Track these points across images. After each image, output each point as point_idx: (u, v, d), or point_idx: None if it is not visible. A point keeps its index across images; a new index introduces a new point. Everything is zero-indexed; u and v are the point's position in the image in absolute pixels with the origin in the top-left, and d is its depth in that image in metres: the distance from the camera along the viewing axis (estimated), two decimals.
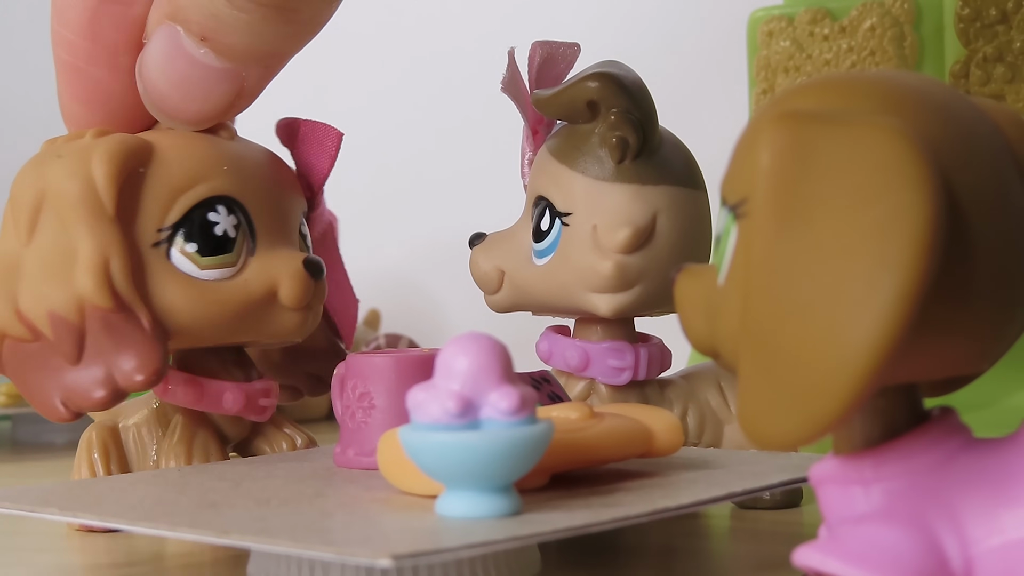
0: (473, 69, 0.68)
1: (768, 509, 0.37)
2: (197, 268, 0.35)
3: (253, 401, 0.37)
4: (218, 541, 0.25)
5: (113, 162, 0.34)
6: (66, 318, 0.33)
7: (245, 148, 0.37)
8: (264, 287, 0.35)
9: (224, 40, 0.34)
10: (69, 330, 0.33)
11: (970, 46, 0.49)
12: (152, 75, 0.35)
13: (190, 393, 0.36)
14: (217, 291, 0.35)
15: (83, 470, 0.37)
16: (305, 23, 0.34)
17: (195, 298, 0.35)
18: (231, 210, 0.35)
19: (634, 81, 0.36)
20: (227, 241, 0.35)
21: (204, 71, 0.34)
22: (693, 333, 0.24)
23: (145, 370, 0.33)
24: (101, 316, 0.33)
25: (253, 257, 0.36)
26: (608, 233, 0.36)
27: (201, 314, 0.35)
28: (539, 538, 0.25)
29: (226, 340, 0.36)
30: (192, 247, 0.35)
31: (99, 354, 0.33)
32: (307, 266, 0.36)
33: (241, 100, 0.35)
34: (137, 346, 0.33)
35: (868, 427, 0.23)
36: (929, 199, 0.20)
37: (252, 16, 0.33)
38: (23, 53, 0.96)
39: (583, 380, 0.38)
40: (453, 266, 0.53)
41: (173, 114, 0.35)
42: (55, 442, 0.62)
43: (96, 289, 0.33)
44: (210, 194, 0.35)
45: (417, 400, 0.26)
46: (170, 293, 0.34)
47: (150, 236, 0.34)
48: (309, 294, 0.36)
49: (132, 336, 0.33)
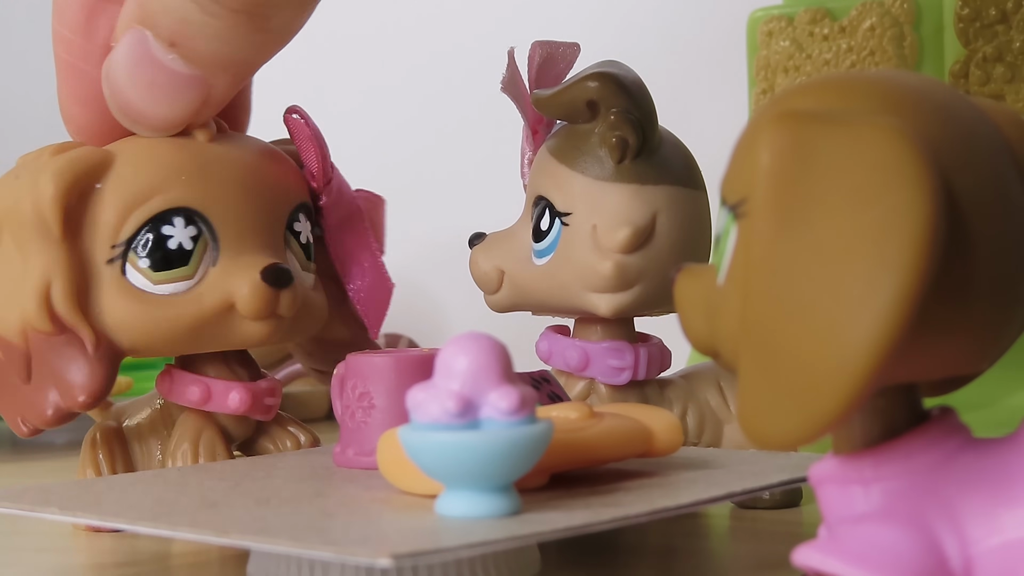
0: (473, 69, 0.68)
1: (768, 509, 0.37)
2: (151, 283, 0.35)
3: (259, 400, 0.37)
4: (218, 541, 0.25)
5: (59, 183, 0.34)
6: (11, 341, 0.34)
7: (220, 150, 0.36)
8: (219, 300, 0.35)
9: (193, 46, 0.33)
10: (16, 352, 0.34)
11: (970, 46, 0.49)
12: (118, 79, 0.35)
13: (196, 393, 0.36)
14: (170, 306, 0.35)
15: (88, 470, 0.37)
16: (275, 31, 0.34)
17: (147, 314, 0.35)
18: (190, 221, 0.35)
19: (634, 81, 0.36)
20: (183, 254, 0.35)
21: (171, 77, 0.34)
22: (693, 333, 0.24)
23: (87, 391, 0.34)
24: (44, 339, 0.34)
25: (215, 267, 0.35)
26: (608, 233, 0.36)
27: (153, 329, 0.35)
28: (539, 538, 0.25)
29: (186, 352, 0.36)
30: (145, 262, 0.34)
31: (46, 375, 0.34)
32: (266, 275, 0.35)
33: (207, 108, 0.35)
34: (80, 367, 0.34)
35: (868, 427, 0.23)
36: (929, 199, 0.20)
37: (222, 22, 0.33)
38: (23, 53, 0.96)
39: (583, 380, 0.38)
40: (453, 266, 0.53)
41: (137, 119, 0.35)
42: (55, 442, 0.62)
43: (36, 313, 0.34)
44: (165, 207, 0.35)
45: (417, 400, 0.26)
46: (121, 309, 0.34)
47: (104, 253, 0.34)
48: (268, 304, 0.35)
49: (75, 358, 0.34)
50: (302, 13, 0.34)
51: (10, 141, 0.93)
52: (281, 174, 0.38)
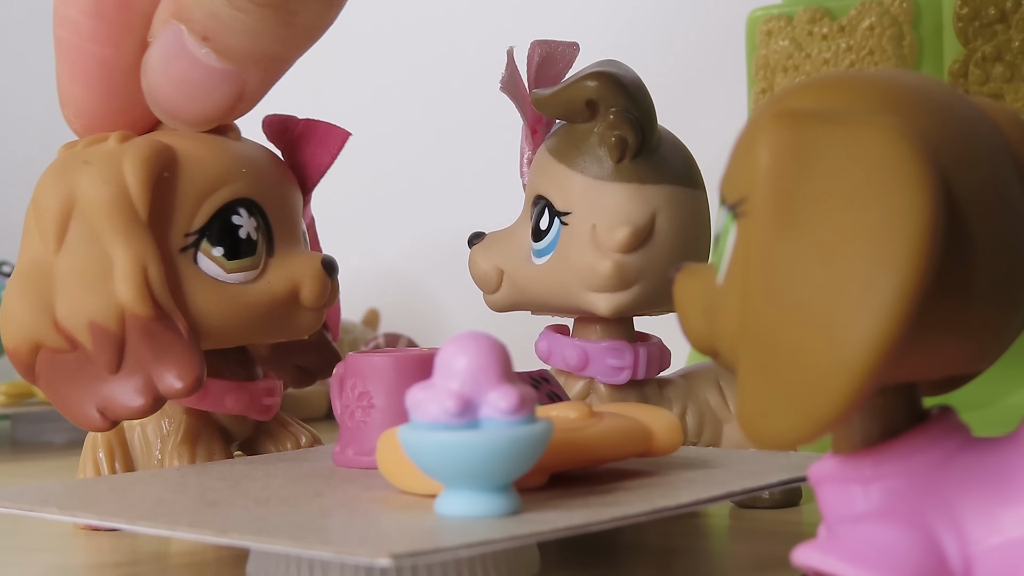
0: (472, 69, 0.68)
1: (767, 508, 0.37)
2: (223, 271, 0.35)
3: (256, 400, 0.37)
4: (217, 540, 0.25)
5: (146, 167, 0.34)
6: (106, 327, 0.33)
7: (254, 149, 0.37)
8: (287, 288, 0.36)
9: (224, 40, 0.34)
10: (109, 339, 0.33)
11: (969, 45, 0.49)
12: (155, 74, 0.35)
13: None
14: (243, 294, 0.35)
15: (88, 469, 0.37)
16: (303, 27, 0.34)
17: (224, 301, 0.35)
18: (251, 212, 0.36)
19: (633, 80, 0.36)
20: (250, 244, 0.35)
21: (205, 72, 0.34)
22: (692, 332, 0.24)
23: (185, 377, 0.33)
24: (141, 325, 0.33)
25: (272, 259, 0.36)
26: (607, 232, 0.36)
27: (230, 317, 0.35)
28: (538, 537, 0.25)
29: (252, 340, 0.37)
30: (219, 251, 0.35)
31: (138, 363, 0.33)
32: (325, 266, 0.36)
33: (242, 103, 0.35)
34: (176, 354, 0.33)
35: (867, 426, 0.23)
36: (928, 198, 0.20)
37: (250, 16, 0.33)
38: (22, 54, 0.96)
39: (582, 379, 0.38)
40: (452, 265, 0.53)
41: (175, 114, 0.35)
42: (54, 441, 0.62)
43: (136, 298, 0.33)
44: (232, 197, 0.35)
45: (416, 399, 0.26)
46: (200, 297, 0.35)
47: (178, 241, 0.35)
48: (327, 293, 0.36)
49: (171, 344, 0.33)
50: (330, 9, 0.34)
51: (10, 141, 0.93)
52: (290, 175, 0.38)
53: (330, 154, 0.39)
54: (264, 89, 0.36)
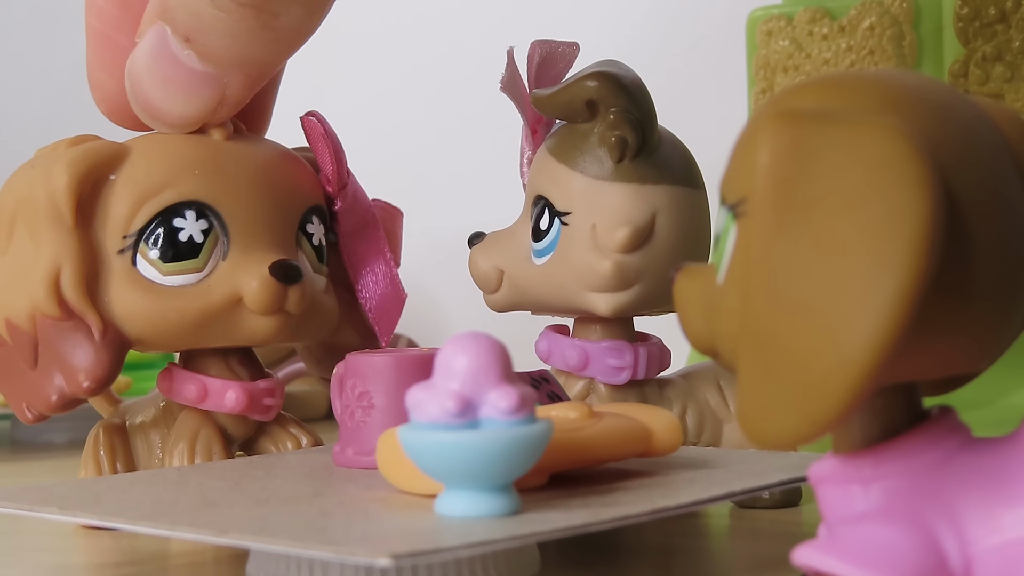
0: (472, 69, 0.68)
1: (767, 508, 0.37)
2: (160, 274, 0.35)
3: (257, 400, 0.37)
4: (217, 540, 0.25)
5: (73, 172, 0.34)
6: (20, 326, 0.35)
7: (235, 149, 0.37)
8: (227, 292, 0.35)
9: (206, 42, 0.34)
10: (24, 337, 0.35)
11: (969, 45, 0.49)
12: (138, 75, 0.35)
13: (193, 392, 0.37)
14: (178, 297, 0.35)
15: (90, 468, 0.37)
16: (284, 30, 0.34)
17: (155, 305, 0.35)
18: (201, 214, 0.35)
19: (633, 80, 0.36)
20: (193, 247, 0.35)
21: (187, 73, 0.35)
22: (692, 332, 0.24)
23: (91, 376, 0.34)
24: (51, 324, 0.34)
25: (224, 261, 0.36)
26: (607, 232, 0.36)
27: (161, 321, 0.35)
28: (538, 537, 0.25)
29: (192, 345, 0.37)
30: (155, 253, 0.35)
31: (52, 360, 0.34)
32: (275, 270, 0.35)
33: (223, 107, 0.36)
34: (86, 353, 0.34)
35: (867, 426, 0.23)
36: (928, 198, 0.20)
37: (231, 17, 0.33)
38: (22, 54, 0.96)
39: (582, 379, 0.38)
40: (452, 265, 0.53)
41: (155, 115, 0.36)
42: (54, 441, 0.62)
43: (45, 298, 0.34)
44: (177, 199, 0.35)
45: (416, 399, 0.26)
46: (130, 300, 0.35)
47: (115, 243, 0.35)
48: (276, 299, 0.35)
49: (81, 344, 0.34)
50: (312, 15, 0.34)
51: (9, 141, 0.93)
52: (295, 175, 0.38)
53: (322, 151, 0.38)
54: (246, 95, 0.36)
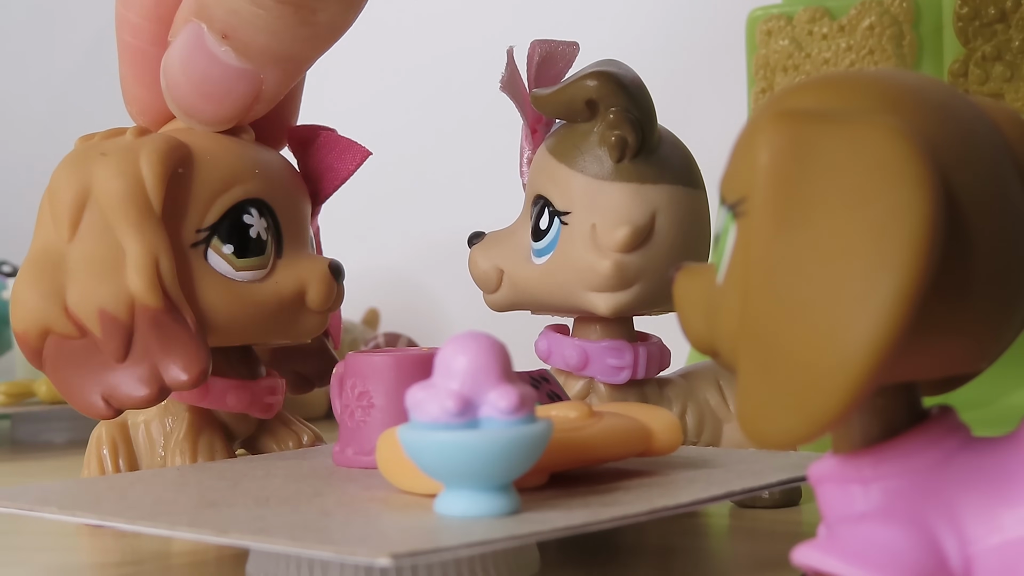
0: (472, 68, 0.68)
1: (767, 508, 0.37)
2: (232, 269, 0.35)
3: (258, 399, 0.37)
4: (217, 540, 0.25)
5: (162, 162, 0.34)
6: (116, 316, 0.34)
7: (267, 153, 0.38)
8: (294, 289, 0.36)
9: (244, 38, 0.34)
10: (118, 328, 0.34)
11: (969, 45, 0.49)
12: (174, 72, 0.36)
13: (195, 391, 0.37)
14: (251, 292, 0.36)
15: (93, 466, 0.37)
16: (322, 26, 0.34)
17: (231, 298, 0.35)
18: (262, 213, 0.36)
19: (633, 80, 0.36)
20: (260, 243, 0.36)
21: (224, 70, 0.35)
22: (692, 332, 0.24)
23: (191, 370, 0.34)
24: (150, 315, 0.34)
25: (280, 260, 0.36)
26: (607, 232, 0.36)
27: (237, 314, 0.35)
28: (538, 537, 0.25)
29: (257, 340, 0.37)
30: (228, 248, 0.35)
31: (146, 353, 0.34)
32: (332, 270, 0.37)
33: (259, 104, 0.36)
34: (183, 346, 0.34)
35: (867, 426, 0.23)
36: (927, 198, 0.20)
37: (270, 14, 0.34)
38: (22, 54, 0.96)
39: (582, 379, 0.38)
40: (452, 265, 0.53)
41: (192, 113, 0.36)
42: (54, 441, 0.62)
43: (147, 289, 0.34)
44: (244, 196, 0.36)
45: (416, 399, 0.26)
46: (209, 293, 0.35)
47: (189, 237, 0.35)
48: (333, 297, 0.37)
49: (178, 336, 0.34)
50: (349, 10, 0.35)
51: (9, 141, 0.93)
52: (302, 183, 0.39)
53: (347, 169, 0.39)
54: (282, 90, 0.36)
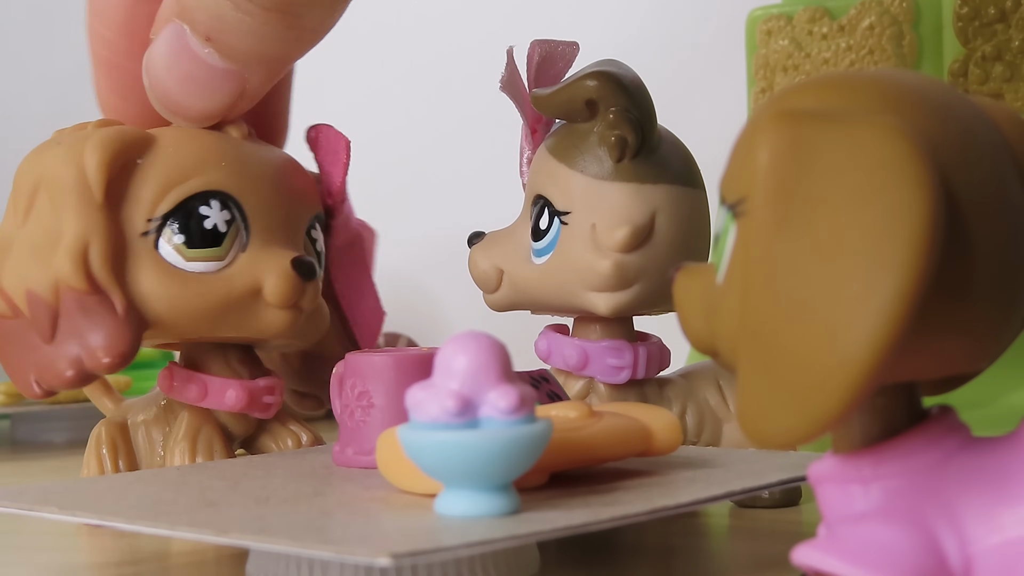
0: (472, 68, 0.68)
1: (767, 508, 0.37)
2: (183, 260, 0.35)
3: (256, 399, 0.37)
4: (217, 540, 0.25)
5: (105, 151, 0.34)
6: (42, 297, 0.34)
7: (254, 148, 0.37)
8: (248, 282, 0.36)
9: (228, 41, 0.34)
10: (44, 309, 0.34)
11: (969, 45, 0.49)
12: (158, 71, 0.36)
13: (193, 390, 0.37)
14: (199, 283, 0.35)
15: (92, 466, 0.37)
16: (307, 29, 0.35)
17: (176, 288, 0.35)
18: (224, 205, 0.36)
19: (633, 80, 0.36)
20: (216, 235, 0.36)
21: (208, 70, 0.35)
22: (692, 332, 0.24)
23: (111, 352, 0.34)
24: (75, 297, 0.34)
25: (244, 253, 0.36)
26: (607, 232, 0.36)
27: (181, 305, 0.35)
28: (538, 537, 0.25)
29: (208, 334, 0.37)
30: (180, 239, 0.35)
31: (71, 334, 0.34)
32: (296, 265, 0.36)
33: (243, 101, 0.36)
34: (107, 329, 0.34)
35: (867, 426, 0.23)
36: (928, 198, 0.20)
37: (255, 19, 0.34)
38: (22, 54, 0.96)
39: (582, 379, 0.38)
40: (452, 265, 0.53)
41: (176, 110, 0.36)
42: (54, 441, 0.62)
43: (72, 271, 0.34)
44: (204, 188, 0.36)
45: (416, 399, 0.26)
46: (151, 282, 0.35)
47: (139, 225, 0.35)
48: (295, 293, 0.36)
49: (103, 319, 0.34)
50: (333, 12, 0.35)
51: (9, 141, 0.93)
52: (303, 182, 0.39)
53: (340, 162, 0.39)
54: (265, 87, 0.36)
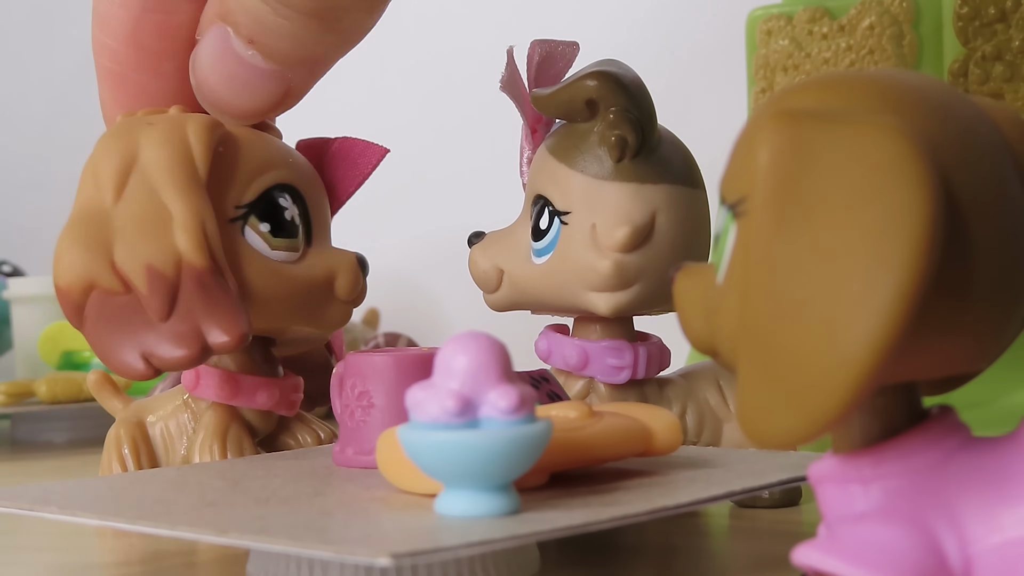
0: (472, 68, 0.68)
1: (767, 508, 0.37)
2: (268, 247, 0.36)
3: (286, 396, 0.38)
4: (217, 540, 0.25)
5: (208, 133, 0.35)
6: (163, 272, 0.34)
7: (294, 149, 0.39)
8: (324, 275, 0.37)
9: (270, 44, 0.35)
10: (164, 284, 0.34)
11: (969, 45, 0.49)
12: (203, 72, 0.36)
13: (225, 388, 0.37)
14: (285, 271, 0.36)
15: (113, 466, 0.37)
16: (346, 32, 0.35)
17: (267, 274, 0.36)
18: (294, 199, 0.37)
19: (633, 80, 0.36)
20: (293, 226, 0.37)
21: (251, 71, 0.36)
22: (692, 332, 0.24)
23: (232, 332, 0.34)
24: (196, 275, 0.34)
25: (310, 248, 0.37)
26: (607, 232, 0.36)
27: (272, 291, 0.36)
28: (538, 537, 0.25)
29: (287, 323, 0.37)
30: (265, 227, 0.36)
31: (189, 312, 0.34)
32: (359, 261, 0.38)
33: (288, 99, 0.37)
34: (226, 308, 0.34)
35: (867, 426, 0.23)
36: (928, 198, 0.20)
37: (293, 23, 0.34)
38: (22, 54, 0.96)
39: (582, 379, 0.38)
40: (452, 265, 0.53)
41: (223, 109, 0.37)
42: (54, 441, 0.62)
43: (194, 248, 0.34)
44: (280, 181, 0.37)
45: (416, 399, 0.26)
46: (246, 267, 0.36)
47: (229, 212, 0.36)
48: (359, 288, 0.38)
49: (222, 298, 0.34)
50: (371, 14, 0.35)
51: (9, 141, 0.93)
52: (323, 185, 0.39)
53: (363, 173, 0.40)
54: (309, 86, 0.37)
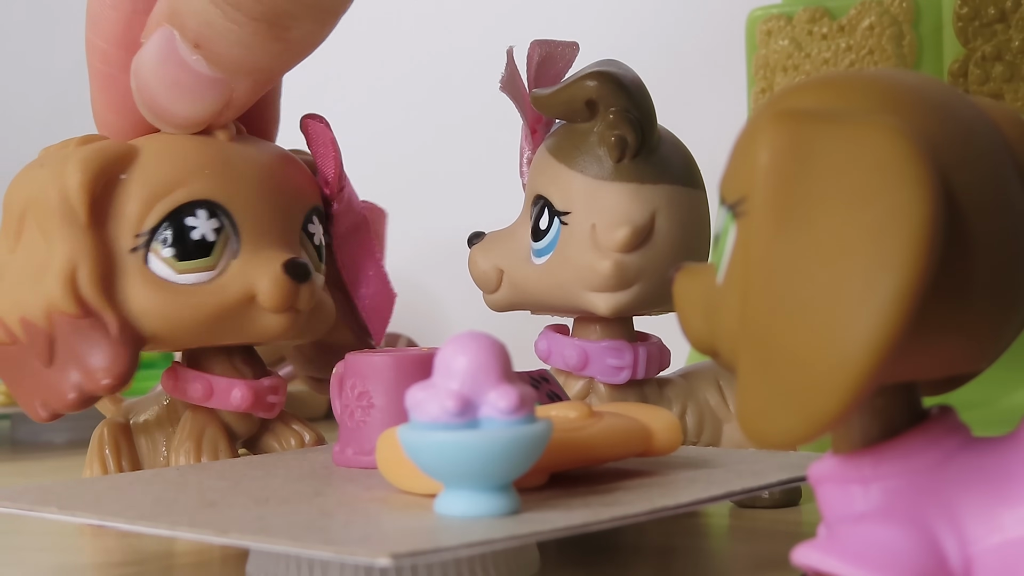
0: (472, 68, 0.68)
1: (767, 508, 0.37)
2: (174, 273, 0.35)
3: (261, 398, 0.38)
4: (217, 540, 0.25)
5: (86, 171, 0.34)
6: (36, 323, 0.35)
7: (240, 149, 0.37)
8: (241, 290, 0.36)
9: (216, 49, 0.34)
10: (39, 335, 0.35)
11: (969, 45, 0.49)
12: (145, 75, 0.36)
13: (199, 390, 0.37)
14: (193, 295, 0.35)
15: (95, 466, 0.38)
16: (295, 42, 0.35)
17: (169, 302, 0.35)
18: (212, 214, 0.36)
19: (633, 80, 0.36)
20: (205, 245, 0.35)
21: (194, 77, 0.35)
22: (692, 332, 0.24)
23: (111, 374, 0.34)
24: (69, 321, 0.34)
25: (236, 260, 0.36)
26: (607, 232, 0.36)
27: (175, 318, 0.35)
28: (538, 537, 0.25)
29: (205, 343, 0.37)
30: (169, 252, 0.35)
31: (69, 358, 0.34)
32: (287, 269, 0.36)
33: (229, 110, 0.36)
34: (103, 351, 0.34)
35: (867, 426, 0.23)
36: (927, 198, 0.20)
37: (243, 29, 0.34)
38: (21, 54, 0.96)
39: (582, 379, 0.38)
40: (452, 265, 0.53)
41: (161, 115, 0.36)
42: (54, 441, 0.62)
43: (62, 296, 0.34)
44: (189, 199, 0.35)
45: (416, 399, 0.26)
46: (144, 298, 0.35)
47: (128, 242, 0.35)
48: (289, 297, 0.36)
49: (99, 341, 0.34)
50: (322, 28, 0.35)
51: (9, 141, 0.93)
52: (296, 176, 0.38)
53: (328, 152, 0.39)
54: (252, 98, 0.36)
